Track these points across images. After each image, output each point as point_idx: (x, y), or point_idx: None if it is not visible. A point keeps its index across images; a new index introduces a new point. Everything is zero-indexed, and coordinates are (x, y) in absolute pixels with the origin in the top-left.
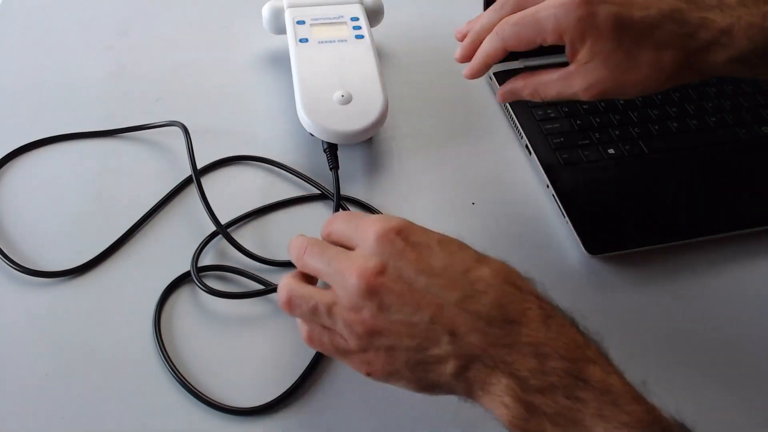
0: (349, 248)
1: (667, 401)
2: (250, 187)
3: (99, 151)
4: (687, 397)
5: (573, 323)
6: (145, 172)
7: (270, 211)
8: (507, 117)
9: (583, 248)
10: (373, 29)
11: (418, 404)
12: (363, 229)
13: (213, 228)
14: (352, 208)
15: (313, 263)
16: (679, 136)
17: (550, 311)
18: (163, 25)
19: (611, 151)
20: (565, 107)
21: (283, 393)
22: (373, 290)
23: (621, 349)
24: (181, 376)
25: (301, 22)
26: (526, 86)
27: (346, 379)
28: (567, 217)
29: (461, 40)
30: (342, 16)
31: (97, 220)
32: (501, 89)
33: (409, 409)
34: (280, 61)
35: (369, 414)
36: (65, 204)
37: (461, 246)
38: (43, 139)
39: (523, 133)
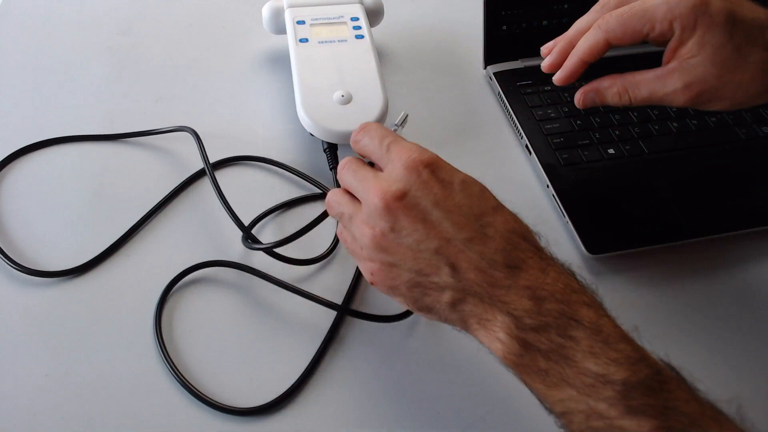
0: (377, 164)
1: None
2: (251, 187)
3: (100, 153)
4: None
5: (571, 274)
6: (146, 174)
7: (276, 211)
8: (507, 117)
9: (583, 248)
10: (372, 29)
11: (418, 404)
12: (395, 154)
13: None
14: None
15: (347, 179)
16: (679, 136)
17: (550, 261)
18: (163, 25)
19: (611, 151)
20: (565, 107)
21: (283, 393)
22: (389, 212)
23: None
24: (182, 376)
25: (301, 22)
26: (613, 85)
27: (344, 380)
28: (567, 217)
29: (548, 53)
30: (342, 16)
31: (98, 220)
32: (583, 90)
33: (408, 409)
34: (279, 61)
35: (367, 414)
36: (66, 204)
37: (482, 191)
38: (50, 140)
39: (523, 133)
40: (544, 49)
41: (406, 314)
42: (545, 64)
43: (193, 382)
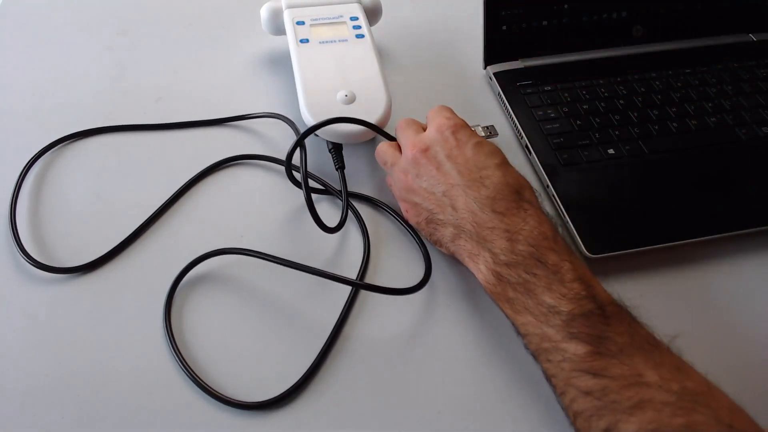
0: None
1: None
2: (254, 187)
3: (103, 150)
4: None
5: (550, 224)
6: (152, 172)
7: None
8: (507, 117)
9: (583, 248)
10: (372, 28)
11: (421, 399)
12: (435, 121)
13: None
14: (359, 205)
15: (397, 134)
16: (679, 137)
17: (532, 213)
18: (163, 25)
19: (611, 151)
20: (565, 107)
21: (291, 387)
22: (415, 161)
23: None
24: (191, 370)
25: (300, 23)
26: None
27: (352, 372)
28: (567, 217)
29: None
30: (341, 16)
31: (105, 218)
32: None
33: (412, 404)
34: (279, 62)
35: (374, 406)
36: (71, 203)
37: (492, 152)
38: (57, 140)
39: (523, 133)
40: None
41: (420, 286)
42: None
43: (202, 376)
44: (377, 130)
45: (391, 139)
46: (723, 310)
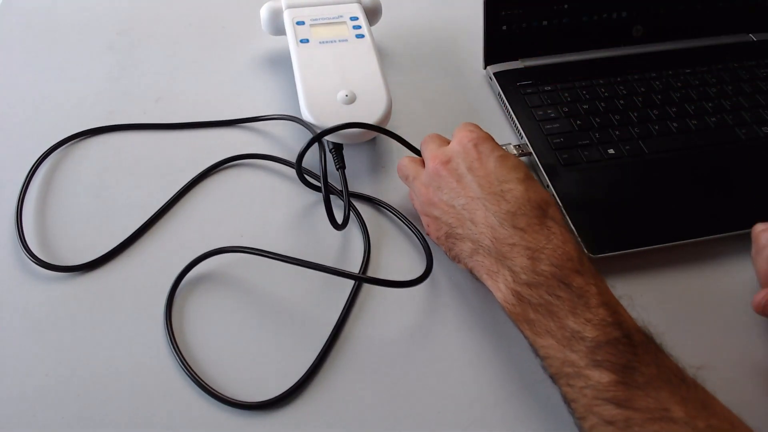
0: None
1: None
2: (254, 186)
3: (105, 149)
4: None
5: (575, 244)
6: (153, 171)
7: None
8: (507, 117)
9: (583, 248)
10: (371, 28)
11: (423, 399)
12: (457, 134)
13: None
14: (359, 205)
15: (422, 147)
16: (679, 137)
17: (556, 231)
18: (163, 25)
19: (611, 151)
20: (565, 107)
21: (291, 387)
22: (436, 173)
23: None
24: (191, 370)
25: (300, 23)
26: None
27: (352, 372)
28: (567, 218)
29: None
30: (341, 16)
31: (106, 217)
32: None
33: (414, 403)
34: (279, 62)
35: (374, 406)
36: (73, 202)
37: (515, 166)
38: (71, 136)
39: (523, 133)
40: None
41: (422, 278)
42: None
43: (203, 376)
44: (396, 137)
45: (406, 143)
46: (723, 310)
